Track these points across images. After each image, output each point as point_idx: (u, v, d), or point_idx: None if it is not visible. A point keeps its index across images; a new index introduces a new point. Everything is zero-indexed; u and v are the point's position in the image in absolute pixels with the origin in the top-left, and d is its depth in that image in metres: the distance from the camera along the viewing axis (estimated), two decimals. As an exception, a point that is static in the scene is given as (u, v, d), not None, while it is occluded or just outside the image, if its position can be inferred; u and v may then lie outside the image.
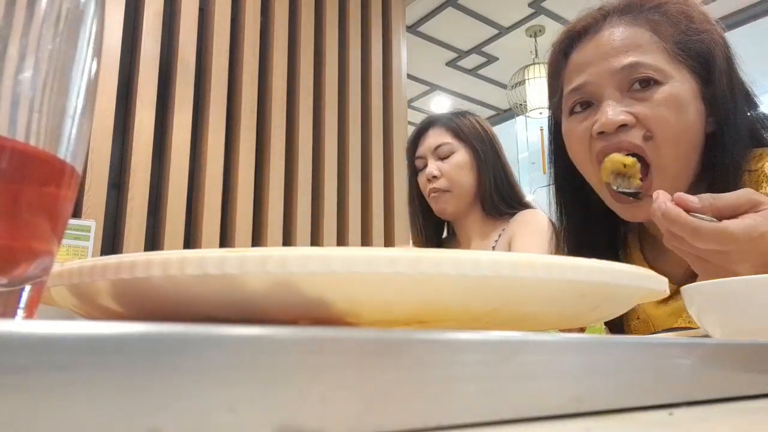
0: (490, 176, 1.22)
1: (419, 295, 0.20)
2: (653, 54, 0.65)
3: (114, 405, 0.10)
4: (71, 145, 0.17)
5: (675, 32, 0.67)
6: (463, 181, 1.21)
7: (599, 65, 0.67)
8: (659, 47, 0.66)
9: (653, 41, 0.66)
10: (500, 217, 1.23)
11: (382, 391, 0.13)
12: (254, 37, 2.18)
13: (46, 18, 0.15)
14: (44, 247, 0.16)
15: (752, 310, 0.36)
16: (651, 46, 0.66)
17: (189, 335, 0.11)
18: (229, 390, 0.11)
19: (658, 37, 0.66)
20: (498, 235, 1.22)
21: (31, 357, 0.10)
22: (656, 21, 0.67)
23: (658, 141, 0.64)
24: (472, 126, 1.25)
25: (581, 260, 0.21)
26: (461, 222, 1.27)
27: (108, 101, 1.80)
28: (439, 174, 1.21)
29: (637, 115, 0.64)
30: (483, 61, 4.03)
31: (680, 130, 0.64)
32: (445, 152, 1.22)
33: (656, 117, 0.63)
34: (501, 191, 1.23)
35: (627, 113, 0.64)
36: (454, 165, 1.21)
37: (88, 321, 0.13)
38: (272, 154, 2.13)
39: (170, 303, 0.20)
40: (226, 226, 2.03)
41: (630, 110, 0.64)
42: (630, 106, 0.64)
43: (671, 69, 0.65)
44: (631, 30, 0.67)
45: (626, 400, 0.18)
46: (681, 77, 0.65)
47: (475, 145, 1.23)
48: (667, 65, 0.65)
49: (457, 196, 1.22)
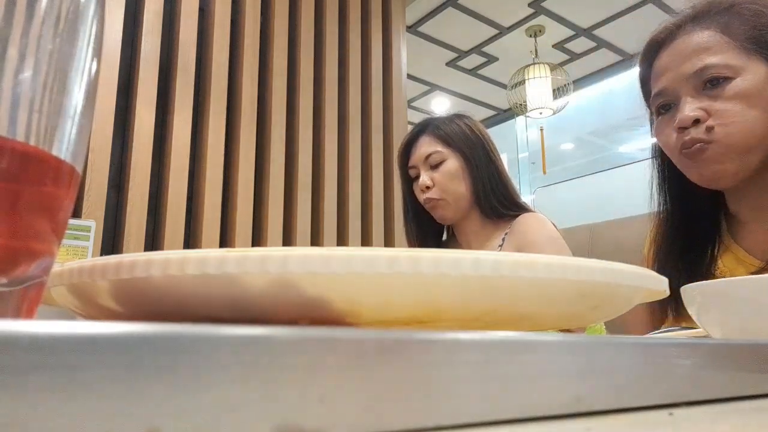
0: (483, 181, 1.20)
1: (419, 295, 0.20)
2: (723, 53, 0.74)
3: (114, 405, 0.10)
4: (71, 145, 0.17)
5: (747, 28, 0.74)
6: (455, 189, 1.20)
7: (675, 71, 0.77)
8: (730, 46, 0.74)
9: (723, 41, 0.74)
10: (500, 219, 1.22)
11: (382, 391, 0.13)
12: (254, 37, 2.18)
13: (46, 18, 0.15)
14: (44, 247, 0.16)
15: (752, 310, 0.36)
16: (721, 47, 0.74)
17: (189, 335, 0.11)
18: (229, 390, 0.11)
19: (728, 37, 0.74)
20: (501, 239, 1.21)
21: (31, 357, 0.10)
22: (726, 22, 0.75)
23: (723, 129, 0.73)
24: (461, 131, 1.23)
25: (581, 260, 0.21)
26: (461, 226, 1.26)
27: (108, 101, 1.80)
28: (432, 184, 1.21)
29: (708, 110, 0.74)
30: (483, 61, 4.03)
31: (750, 118, 0.72)
32: (435, 161, 1.21)
33: (726, 110, 0.73)
34: (497, 194, 1.21)
35: (700, 109, 0.74)
36: (445, 173, 1.20)
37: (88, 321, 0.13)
38: (272, 154, 2.13)
39: (170, 303, 0.20)
40: (226, 226, 2.03)
41: (702, 106, 0.74)
42: (703, 103, 0.74)
43: (743, 63, 0.73)
44: (701, 34, 0.76)
45: (626, 400, 0.18)
46: (755, 68, 0.73)
47: (465, 151, 1.21)
48: (738, 61, 0.73)
49: (452, 203, 1.21)
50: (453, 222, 1.26)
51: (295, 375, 0.12)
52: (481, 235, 1.24)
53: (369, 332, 0.14)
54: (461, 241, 1.28)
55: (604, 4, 3.44)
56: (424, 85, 4.34)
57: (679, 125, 0.75)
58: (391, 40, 2.58)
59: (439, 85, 4.34)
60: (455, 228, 1.29)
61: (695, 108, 0.74)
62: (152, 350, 0.11)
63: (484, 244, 1.24)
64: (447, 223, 1.28)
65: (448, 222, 1.26)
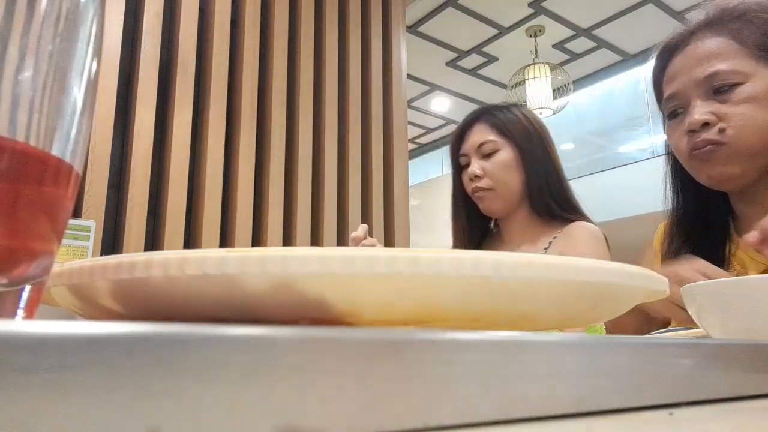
0: (539, 175, 1.14)
1: (419, 295, 0.20)
2: (733, 59, 0.76)
3: (114, 405, 0.10)
4: (71, 145, 0.17)
5: (758, 36, 0.76)
6: (507, 181, 1.14)
7: (686, 76, 0.79)
8: (740, 52, 0.76)
9: (734, 48, 0.77)
10: (552, 220, 1.15)
11: (382, 391, 0.13)
12: (254, 37, 2.18)
13: (46, 18, 0.15)
14: (44, 247, 0.16)
15: (752, 310, 0.36)
16: (731, 53, 0.76)
17: (189, 335, 0.11)
18: (229, 390, 0.11)
19: (739, 44, 0.76)
20: (549, 242, 1.14)
21: (31, 357, 0.10)
22: (738, 29, 0.77)
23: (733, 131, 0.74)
24: (518, 121, 1.17)
25: (581, 260, 0.21)
26: (508, 221, 1.20)
27: (108, 101, 1.80)
28: (482, 173, 1.15)
29: (717, 114, 0.76)
30: (483, 61, 4.03)
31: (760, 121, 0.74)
32: (488, 150, 1.16)
33: (735, 114, 0.75)
34: (552, 191, 1.15)
35: (709, 113, 0.76)
36: (498, 164, 1.15)
37: (88, 321, 0.13)
38: (272, 154, 2.13)
39: (170, 303, 0.20)
40: (226, 226, 2.03)
41: (712, 110, 0.76)
42: (713, 107, 0.76)
43: (753, 69, 0.75)
44: (713, 41, 0.78)
45: (626, 400, 0.18)
46: (764, 74, 0.75)
47: (520, 142, 1.16)
48: (748, 66, 0.75)
49: (502, 195, 1.15)
50: (500, 215, 1.20)
51: (295, 375, 0.12)
52: (528, 234, 1.18)
53: (369, 332, 0.14)
54: (506, 237, 1.22)
55: (604, 4, 3.44)
56: (424, 85, 4.34)
57: (689, 128, 0.77)
58: (391, 40, 2.58)
59: (439, 85, 4.34)
60: (501, 223, 1.23)
61: (705, 112, 0.76)
62: (152, 350, 0.11)
63: (530, 243, 1.17)
64: (494, 216, 1.22)
65: (495, 215, 1.20)
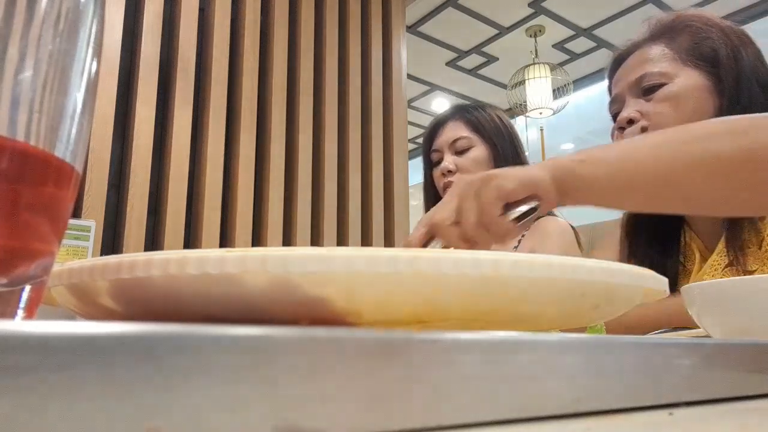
0: None
1: (419, 294, 0.20)
2: (661, 63, 0.82)
3: (114, 405, 0.10)
4: (71, 145, 0.17)
5: (688, 42, 0.82)
6: None
7: (623, 80, 0.87)
8: (668, 56, 0.82)
9: (664, 53, 0.83)
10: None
11: (382, 391, 0.13)
12: (254, 37, 2.18)
13: (46, 18, 0.15)
14: (44, 247, 0.16)
15: (752, 310, 0.36)
16: (661, 57, 0.83)
17: (189, 335, 0.11)
18: (229, 390, 0.11)
19: (670, 50, 0.83)
20: (517, 241, 1.16)
21: (31, 357, 0.10)
22: (671, 37, 0.84)
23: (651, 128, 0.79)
24: (491, 120, 1.20)
25: (581, 260, 0.21)
26: None
27: (108, 101, 1.80)
28: (455, 168, 1.16)
29: (641, 111, 0.82)
30: (483, 61, 4.03)
31: (677, 118, 0.78)
32: (462, 146, 1.17)
33: (656, 112, 0.80)
34: None
35: (636, 111, 0.82)
36: (471, 160, 1.17)
37: (88, 321, 0.13)
38: (272, 154, 2.13)
39: (170, 303, 0.20)
40: (226, 226, 2.03)
41: (638, 108, 0.83)
42: (638, 106, 0.83)
43: (677, 71, 0.81)
44: (649, 49, 0.85)
45: (626, 400, 0.18)
46: (687, 75, 0.80)
47: (493, 140, 1.18)
48: (673, 69, 0.81)
49: None
50: None
51: (295, 375, 0.12)
52: None
53: (369, 332, 0.14)
54: None
55: (604, 4, 3.44)
56: (424, 85, 4.34)
57: (618, 125, 0.85)
58: (391, 40, 2.58)
59: (439, 85, 4.34)
60: None
61: (632, 110, 0.83)
62: (152, 350, 0.11)
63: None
64: None
65: None
